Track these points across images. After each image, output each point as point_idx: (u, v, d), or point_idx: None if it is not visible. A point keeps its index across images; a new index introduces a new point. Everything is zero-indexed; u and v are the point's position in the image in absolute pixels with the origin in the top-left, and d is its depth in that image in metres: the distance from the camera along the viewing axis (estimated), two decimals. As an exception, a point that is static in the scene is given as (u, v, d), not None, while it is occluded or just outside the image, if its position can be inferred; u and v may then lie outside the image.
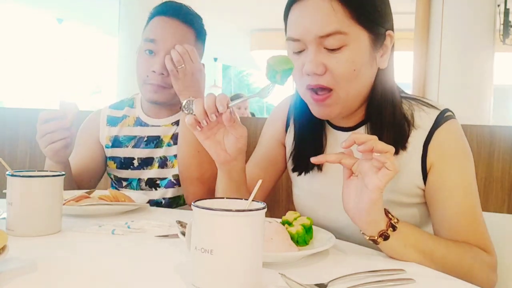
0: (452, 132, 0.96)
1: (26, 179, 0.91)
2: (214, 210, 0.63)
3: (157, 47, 1.35)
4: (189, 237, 0.69)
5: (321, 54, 0.90)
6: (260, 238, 0.65)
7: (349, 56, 0.90)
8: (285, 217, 0.93)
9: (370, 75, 0.95)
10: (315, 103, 0.95)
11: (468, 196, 0.94)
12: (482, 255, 0.92)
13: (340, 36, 0.89)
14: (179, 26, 1.37)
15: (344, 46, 0.90)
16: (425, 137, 0.95)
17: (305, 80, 0.93)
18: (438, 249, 0.87)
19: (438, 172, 0.95)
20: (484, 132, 1.69)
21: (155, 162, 1.44)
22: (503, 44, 5.10)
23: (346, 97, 0.94)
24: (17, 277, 0.68)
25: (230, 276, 0.63)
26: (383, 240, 0.83)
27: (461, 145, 0.97)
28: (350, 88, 0.92)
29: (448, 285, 0.75)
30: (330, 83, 0.91)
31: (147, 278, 0.70)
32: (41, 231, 0.91)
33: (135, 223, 1.02)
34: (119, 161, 1.47)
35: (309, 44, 0.91)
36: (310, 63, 0.90)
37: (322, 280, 0.69)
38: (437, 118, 0.96)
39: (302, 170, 1.08)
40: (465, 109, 4.14)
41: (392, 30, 0.97)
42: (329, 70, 0.91)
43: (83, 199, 1.12)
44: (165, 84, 1.36)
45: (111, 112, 1.53)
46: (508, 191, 1.67)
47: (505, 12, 5.02)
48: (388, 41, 0.96)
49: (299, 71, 0.93)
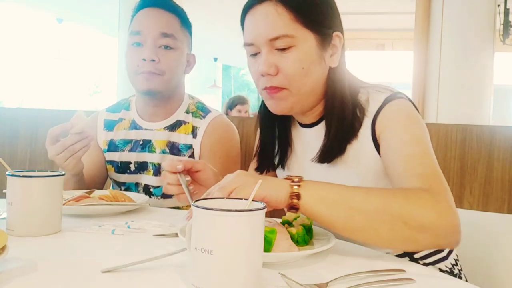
0: (397, 106, 0.99)
1: (26, 179, 0.91)
2: (214, 210, 0.63)
3: (144, 38, 1.35)
4: (189, 237, 0.69)
5: (273, 55, 0.98)
6: (260, 238, 0.65)
7: (297, 55, 0.97)
8: (285, 217, 0.93)
9: (320, 73, 1.01)
10: (269, 96, 1.01)
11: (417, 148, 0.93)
12: (420, 194, 0.84)
13: (287, 39, 0.96)
14: (163, 14, 1.38)
15: (292, 47, 0.97)
16: (373, 117, 0.99)
17: (262, 82, 1.01)
18: (355, 194, 0.83)
19: (386, 139, 0.97)
20: (484, 132, 1.69)
21: (150, 168, 1.43)
22: (503, 44, 5.11)
23: (298, 93, 1.00)
24: (17, 277, 0.68)
25: (230, 276, 0.63)
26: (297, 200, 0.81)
27: (406, 115, 0.99)
28: (301, 85, 0.99)
29: (448, 285, 0.75)
30: (282, 83, 0.99)
31: (147, 278, 0.70)
32: (41, 231, 0.91)
33: (135, 223, 1.02)
34: (116, 166, 1.47)
35: (261, 47, 0.99)
36: (263, 63, 0.98)
37: (322, 280, 0.69)
38: (385, 99, 0.99)
39: (265, 168, 1.16)
40: (465, 109, 4.15)
41: (340, 31, 1.03)
42: (281, 70, 0.98)
43: (83, 199, 1.12)
44: (157, 70, 1.35)
45: (107, 116, 1.52)
46: (508, 191, 1.67)
47: (505, 12, 5.02)
48: (336, 41, 1.02)
49: (256, 73, 1.01)
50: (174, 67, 1.38)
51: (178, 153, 1.41)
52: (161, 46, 1.35)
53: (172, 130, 1.43)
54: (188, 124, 1.43)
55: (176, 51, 1.38)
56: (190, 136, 1.42)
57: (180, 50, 1.40)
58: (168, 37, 1.36)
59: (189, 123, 1.44)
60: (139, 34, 1.36)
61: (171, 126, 1.44)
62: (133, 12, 1.42)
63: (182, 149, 1.41)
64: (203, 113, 1.46)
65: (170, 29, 1.36)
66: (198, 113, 1.46)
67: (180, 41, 1.39)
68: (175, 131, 1.43)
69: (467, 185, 1.72)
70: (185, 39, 1.42)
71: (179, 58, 1.40)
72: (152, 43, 1.34)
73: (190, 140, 1.41)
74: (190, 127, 1.43)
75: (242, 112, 4.54)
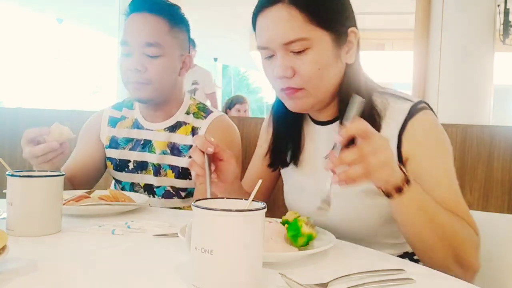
0: (425, 122, 0.98)
1: (26, 179, 0.91)
2: (214, 210, 0.63)
3: (130, 48, 1.34)
4: (189, 237, 0.69)
5: (288, 58, 0.96)
6: (260, 238, 0.65)
7: (313, 57, 0.95)
8: (285, 217, 0.93)
9: (336, 71, 1.00)
10: (287, 97, 1.00)
11: (452, 182, 0.96)
12: (473, 234, 0.93)
13: (303, 41, 0.94)
14: (147, 19, 1.34)
15: (308, 49, 0.95)
16: (399, 128, 0.98)
17: (278, 84, 1.00)
18: (439, 215, 0.88)
19: (417, 162, 0.97)
20: (484, 132, 1.69)
21: (150, 167, 1.44)
22: (503, 44, 5.10)
23: (316, 93, 0.99)
24: (17, 277, 0.68)
25: (230, 276, 0.63)
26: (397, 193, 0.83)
27: (436, 135, 0.99)
28: (318, 85, 0.98)
29: (448, 285, 0.75)
30: (299, 84, 0.97)
31: (147, 278, 0.70)
32: (41, 231, 0.91)
33: (135, 223, 1.02)
34: (115, 163, 1.47)
35: (276, 50, 0.97)
36: (279, 67, 0.96)
37: (322, 280, 0.69)
38: (410, 109, 0.98)
39: (278, 165, 1.14)
40: (465, 109, 4.14)
41: (355, 27, 1.01)
42: (297, 72, 0.96)
43: (83, 199, 1.12)
44: (144, 80, 1.34)
45: (112, 113, 1.53)
46: (508, 191, 1.67)
47: (505, 12, 5.01)
48: (352, 37, 1.00)
49: (272, 75, 0.99)
50: (162, 74, 1.35)
51: (179, 154, 1.41)
52: (147, 54, 1.33)
53: (173, 131, 1.43)
54: (188, 125, 1.43)
55: (164, 58, 1.35)
56: (190, 137, 1.42)
57: (169, 56, 1.36)
58: (152, 46, 1.33)
59: (189, 124, 1.43)
60: (126, 44, 1.35)
61: (171, 127, 1.44)
62: (125, 17, 1.40)
63: (183, 149, 1.41)
64: (205, 114, 1.45)
65: (155, 37, 1.33)
66: (199, 114, 1.45)
67: (169, 46, 1.36)
68: (176, 132, 1.43)
69: (467, 185, 1.72)
70: (175, 41, 1.38)
71: (168, 64, 1.37)
72: (138, 53, 1.33)
73: (190, 140, 1.41)
74: (190, 128, 1.43)
75: (241, 111, 4.60)
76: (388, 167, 0.80)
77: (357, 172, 0.77)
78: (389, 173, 0.81)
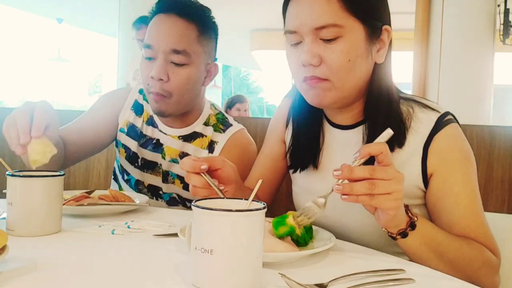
0: (452, 137, 0.96)
1: (26, 179, 0.91)
2: (214, 210, 0.63)
3: (154, 52, 1.24)
4: (189, 237, 0.69)
5: (317, 45, 0.91)
6: (260, 238, 0.65)
7: (344, 47, 0.91)
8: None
9: (365, 68, 0.95)
10: (310, 87, 0.94)
11: (473, 201, 0.95)
12: (491, 258, 0.92)
13: (335, 28, 0.90)
14: (176, 23, 1.24)
15: (339, 37, 0.91)
16: (425, 140, 0.95)
17: (302, 72, 0.94)
18: (449, 250, 0.88)
19: (442, 179, 0.95)
20: (484, 132, 1.69)
21: (158, 171, 1.38)
22: (503, 44, 5.10)
23: (342, 87, 0.94)
24: (17, 277, 0.68)
25: (230, 276, 0.63)
26: (402, 238, 0.85)
27: (462, 150, 0.96)
28: (345, 79, 0.93)
29: (448, 285, 0.75)
30: (325, 74, 0.92)
31: (147, 278, 0.70)
32: (41, 231, 0.91)
33: (135, 223, 1.02)
34: (128, 154, 1.40)
35: (305, 36, 0.92)
36: (306, 53, 0.91)
37: (322, 280, 0.69)
38: (437, 121, 0.95)
39: (298, 167, 1.09)
40: (465, 109, 4.14)
41: (389, 25, 0.97)
42: (324, 61, 0.92)
43: (83, 199, 1.12)
44: (164, 92, 1.24)
45: (138, 98, 1.43)
46: (508, 191, 1.67)
47: (505, 12, 5.01)
48: (385, 36, 0.96)
49: (296, 63, 0.94)
50: (184, 85, 1.25)
51: None
52: (172, 62, 1.24)
53: (187, 140, 1.36)
54: (205, 138, 1.35)
55: (189, 67, 1.25)
56: (205, 151, 1.34)
57: (195, 65, 1.26)
58: (179, 53, 1.23)
59: (207, 136, 1.36)
60: (150, 48, 1.25)
61: (187, 137, 1.36)
62: (150, 15, 1.29)
63: None
64: (224, 127, 1.37)
65: (183, 44, 1.23)
66: (218, 127, 1.37)
67: (196, 54, 1.26)
68: (190, 143, 1.36)
69: (467, 185, 1.72)
70: (203, 50, 1.28)
71: (193, 75, 1.26)
72: (162, 60, 1.23)
73: (206, 154, 1.34)
74: (207, 141, 1.35)
75: (241, 111, 4.62)
76: (392, 201, 0.78)
77: (361, 191, 0.76)
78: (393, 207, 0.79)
